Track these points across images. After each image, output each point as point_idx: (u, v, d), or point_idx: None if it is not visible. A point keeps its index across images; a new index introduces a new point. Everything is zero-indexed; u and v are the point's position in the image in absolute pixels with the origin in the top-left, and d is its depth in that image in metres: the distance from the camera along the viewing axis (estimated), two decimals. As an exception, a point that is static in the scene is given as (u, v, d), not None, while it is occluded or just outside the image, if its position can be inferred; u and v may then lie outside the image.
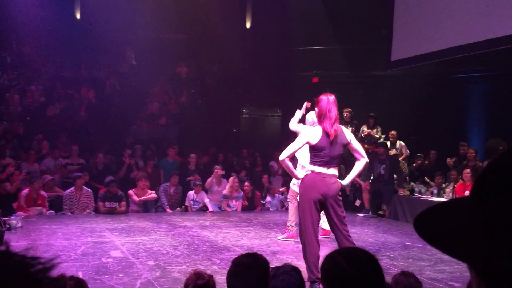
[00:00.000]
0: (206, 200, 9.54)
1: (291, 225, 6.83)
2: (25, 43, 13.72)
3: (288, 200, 7.07)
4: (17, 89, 12.50)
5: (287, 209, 10.24)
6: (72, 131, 11.38)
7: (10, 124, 11.13)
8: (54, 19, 13.46)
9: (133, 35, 14.15)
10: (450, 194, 8.35)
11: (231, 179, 9.68)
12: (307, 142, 4.63)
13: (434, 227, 0.68)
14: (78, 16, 14.99)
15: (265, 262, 2.48)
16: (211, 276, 2.78)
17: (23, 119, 11.56)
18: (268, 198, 10.16)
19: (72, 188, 8.74)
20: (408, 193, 9.28)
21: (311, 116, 6.25)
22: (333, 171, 4.68)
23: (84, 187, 8.82)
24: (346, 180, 5.00)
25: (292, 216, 6.80)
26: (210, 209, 9.47)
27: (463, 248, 0.63)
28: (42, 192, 8.38)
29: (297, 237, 6.61)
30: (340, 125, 4.79)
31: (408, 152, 10.39)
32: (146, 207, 9.45)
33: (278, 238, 6.95)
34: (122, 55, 14.62)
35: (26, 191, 8.21)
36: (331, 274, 1.86)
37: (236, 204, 9.74)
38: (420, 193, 9.08)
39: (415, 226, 0.71)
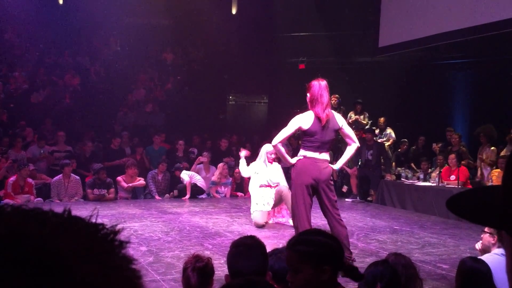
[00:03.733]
0: (187, 180, 9.45)
1: None
2: (7, 29, 13.44)
3: None
4: (0, 75, 12.28)
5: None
6: (57, 118, 11.26)
7: (-7, 111, 10.95)
8: (36, 4, 13.21)
9: (118, 20, 13.96)
10: (436, 178, 8.49)
11: (220, 165, 9.69)
12: (299, 127, 4.67)
13: (470, 204, 0.79)
14: (60, 1, 14.71)
15: (263, 243, 2.53)
16: (209, 259, 2.82)
17: (7, 106, 11.38)
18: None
19: (60, 175, 8.67)
20: (394, 178, 9.41)
21: (264, 149, 7.10)
22: (325, 156, 4.73)
23: (72, 175, 8.76)
24: (338, 165, 5.07)
25: None
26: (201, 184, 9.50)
27: (498, 218, 0.70)
28: (30, 180, 8.29)
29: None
30: (332, 111, 4.84)
31: (395, 137, 10.53)
32: (135, 194, 9.43)
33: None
34: (107, 41, 14.43)
35: (13, 178, 8.12)
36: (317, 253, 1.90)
37: (225, 190, 9.78)
38: (406, 178, 9.22)
39: (449, 205, 0.81)
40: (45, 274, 0.36)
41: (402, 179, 9.26)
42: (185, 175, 9.37)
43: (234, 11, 15.44)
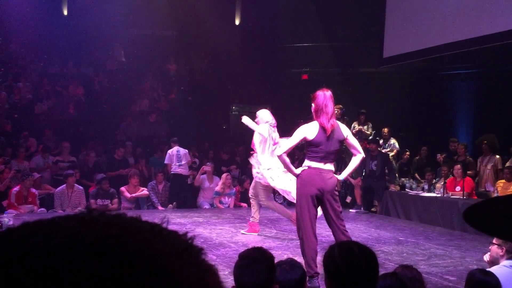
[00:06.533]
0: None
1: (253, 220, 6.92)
2: (12, 39, 13.52)
3: (251, 196, 6.95)
4: (4, 86, 12.32)
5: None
6: (61, 129, 11.27)
7: (-3, 121, 10.98)
8: (41, 16, 13.30)
9: (122, 31, 14.03)
10: (441, 189, 8.45)
11: (223, 175, 9.66)
12: (304, 138, 4.65)
13: (488, 217, 0.77)
14: (65, 12, 14.82)
15: (271, 256, 2.50)
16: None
17: (11, 117, 11.41)
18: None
19: (64, 185, 8.65)
20: (399, 188, 9.36)
21: (261, 114, 6.75)
22: (330, 166, 4.70)
23: (76, 185, 8.74)
24: (343, 175, 5.03)
25: (255, 213, 6.91)
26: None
27: None
28: (33, 190, 8.28)
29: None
30: (337, 121, 4.82)
31: (398, 148, 10.51)
32: (138, 204, 9.40)
33: (242, 232, 7.01)
34: (111, 51, 14.50)
35: (16, 188, 8.11)
36: (326, 265, 1.99)
37: (229, 200, 9.74)
38: (411, 188, 9.17)
39: (466, 217, 0.79)
40: (151, 275, 0.38)
41: (406, 189, 9.21)
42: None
43: (237, 22, 15.52)
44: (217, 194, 9.67)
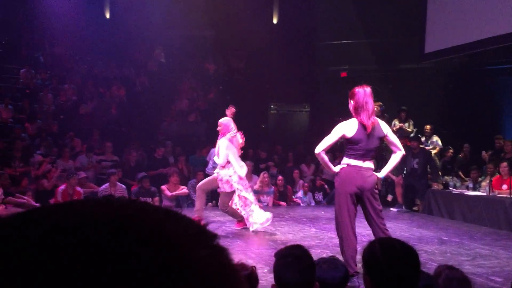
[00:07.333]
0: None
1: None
2: (57, 43, 14.01)
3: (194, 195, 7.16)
4: (50, 88, 12.78)
5: (317, 203, 10.25)
6: (104, 129, 11.59)
7: (44, 122, 11.39)
8: (85, 19, 13.73)
9: (162, 33, 14.29)
10: (487, 188, 8.17)
11: (261, 174, 9.69)
12: (343, 135, 4.60)
13: None
14: (107, 15, 15.23)
15: (309, 253, 2.49)
16: (254, 268, 2.79)
17: (57, 118, 11.82)
18: (299, 194, 10.13)
19: (107, 184, 8.89)
20: (442, 187, 9.12)
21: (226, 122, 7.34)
22: (369, 164, 4.63)
23: (118, 183, 8.97)
24: (382, 173, 4.93)
25: (201, 207, 7.21)
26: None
27: None
28: (78, 188, 8.54)
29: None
30: (377, 118, 4.74)
31: (441, 145, 10.24)
32: (178, 203, 9.54)
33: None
34: (151, 53, 14.79)
35: (62, 187, 8.39)
36: (366, 260, 1.97)
37: (267, 199, 9.75)
38: (455, 187, 8.91)
39: None
40: (164, 254, 0.39)
41: (450, 188, 8.96)
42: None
43: (275, 21, 15.50)
44: (256, 192, 9.68)
